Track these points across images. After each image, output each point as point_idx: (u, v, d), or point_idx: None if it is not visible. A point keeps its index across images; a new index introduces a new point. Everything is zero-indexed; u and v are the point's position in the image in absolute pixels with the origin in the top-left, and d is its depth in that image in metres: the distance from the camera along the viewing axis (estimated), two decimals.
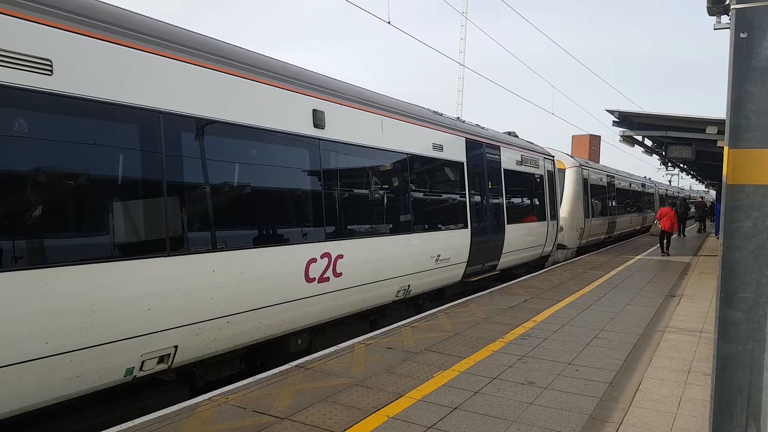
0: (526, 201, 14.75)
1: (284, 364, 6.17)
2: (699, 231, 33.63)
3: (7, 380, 4.01)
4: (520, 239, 13.63)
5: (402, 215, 8.96)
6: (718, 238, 3.43)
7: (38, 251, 4.26)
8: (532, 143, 16.24)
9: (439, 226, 10.13)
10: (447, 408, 4.94)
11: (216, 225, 5.74)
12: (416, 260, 9.18)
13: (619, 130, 15.24)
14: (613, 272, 14.30)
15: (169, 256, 5.07)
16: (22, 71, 4.09)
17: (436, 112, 10.87)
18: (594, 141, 69.39)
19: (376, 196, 8.39)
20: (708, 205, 38.45)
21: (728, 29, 3.12)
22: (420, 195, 9.57)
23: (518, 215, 13.74)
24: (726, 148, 3.06)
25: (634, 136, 15.79)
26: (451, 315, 8.75)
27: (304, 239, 6.82)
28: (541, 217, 15.42)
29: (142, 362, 4.98)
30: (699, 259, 18.07)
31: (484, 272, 11.99)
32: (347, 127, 7.73)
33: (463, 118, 12.70)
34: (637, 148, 17.52)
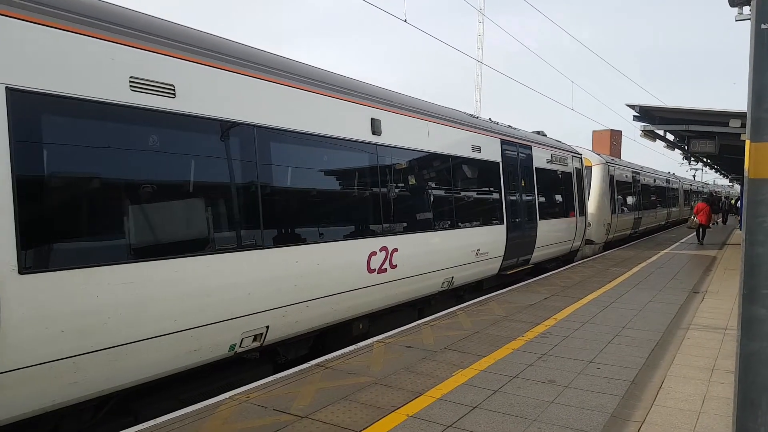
0: (557, 198, 14.99)
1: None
2: (715, 223, 33.37)
3: (149, 350, 4.81)
4: (551, 234, 13.96)
5: (447, 212, 9.66)
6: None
7: (168, 245, 5.01)
8: (560, 142, 16.43)
9: (479, 222, 10.70)
10: (466, 407, 4.93)
11: (298, 222, 6.56)
12: (459, 254, 9.84)
13: (640, 124, 15.01)
14: (636, 268, 14.12)
15: (264, 248, 5.91)
16: (155, 96, 4.94)
17: (472, 115, 11.38)
18: (615, 136, 68.48)
19: (425, 194, 9.17)
20: (723, 199, 38.48)
21: (750, 20, 3.06)
22: (462, 193, 10.20)
23: (549, 211, 14.05)
24: (747, 142, 3.00)
25: (656, 131, 15.54)
26: (471, 313, 8.72)
27: (366, 234, 7.60)
28: (571, 214, 15.68)
29: (242, 339, 5.77)
30: (724, 254, 17.75)
31: (518, 266, 12.46)
32: (399, 132, 8.44)
33: (492, 119, 12.84)
34: (659, 143, 17.25)
